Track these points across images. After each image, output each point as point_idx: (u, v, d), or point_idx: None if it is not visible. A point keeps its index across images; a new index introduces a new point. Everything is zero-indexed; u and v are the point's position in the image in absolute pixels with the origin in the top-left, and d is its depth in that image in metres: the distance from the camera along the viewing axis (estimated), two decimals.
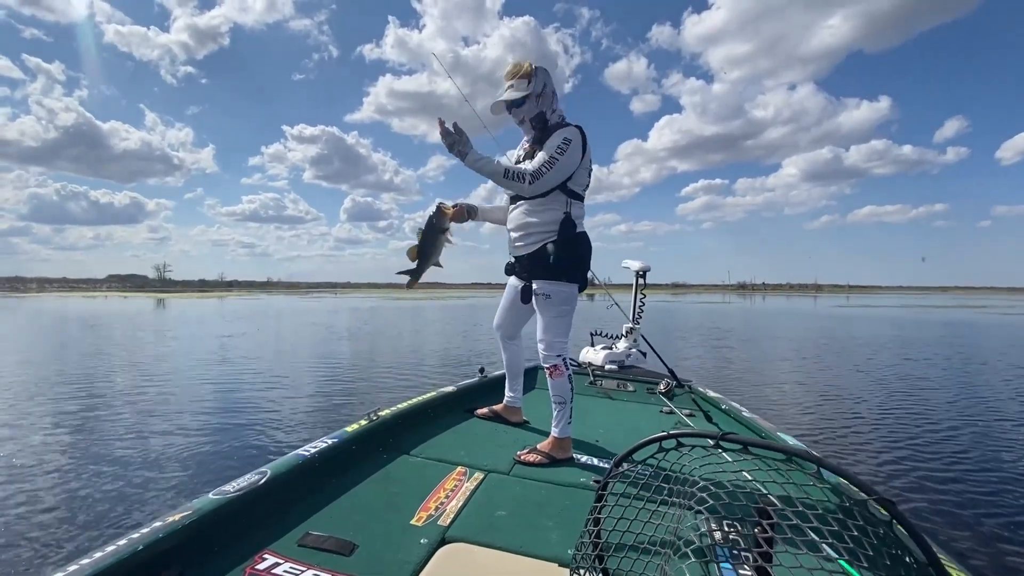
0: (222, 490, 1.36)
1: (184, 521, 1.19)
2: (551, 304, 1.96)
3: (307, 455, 1.65)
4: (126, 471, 3.67)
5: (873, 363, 9.65)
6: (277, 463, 1.56)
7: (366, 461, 1.86)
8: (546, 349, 1.99)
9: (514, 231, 2.03)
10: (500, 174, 1.83)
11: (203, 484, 3.43)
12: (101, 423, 4.98)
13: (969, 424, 5.25)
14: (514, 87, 1.95)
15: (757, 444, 0.80)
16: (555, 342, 1.98)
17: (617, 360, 3.84)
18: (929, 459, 4.15)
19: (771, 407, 5.96)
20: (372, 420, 2.05)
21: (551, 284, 1.95)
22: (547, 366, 1.99)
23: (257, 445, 4.32)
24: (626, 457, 0.95)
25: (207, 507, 1.26)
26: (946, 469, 3.93)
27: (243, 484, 1.40)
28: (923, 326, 20.18)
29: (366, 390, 6.84)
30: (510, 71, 1.98)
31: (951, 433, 4.91)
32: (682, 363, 9.28)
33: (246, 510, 1.35)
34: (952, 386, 7.32)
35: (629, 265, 4.12)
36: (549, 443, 1.98)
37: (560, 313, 1.98)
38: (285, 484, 1.50)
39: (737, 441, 0.81)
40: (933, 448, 4.44)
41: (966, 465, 4.04)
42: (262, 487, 1.42)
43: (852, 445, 4.54)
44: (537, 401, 2.80)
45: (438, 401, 2.53)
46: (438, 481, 1.71)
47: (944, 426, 5.15)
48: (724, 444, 0.82)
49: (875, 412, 5.73)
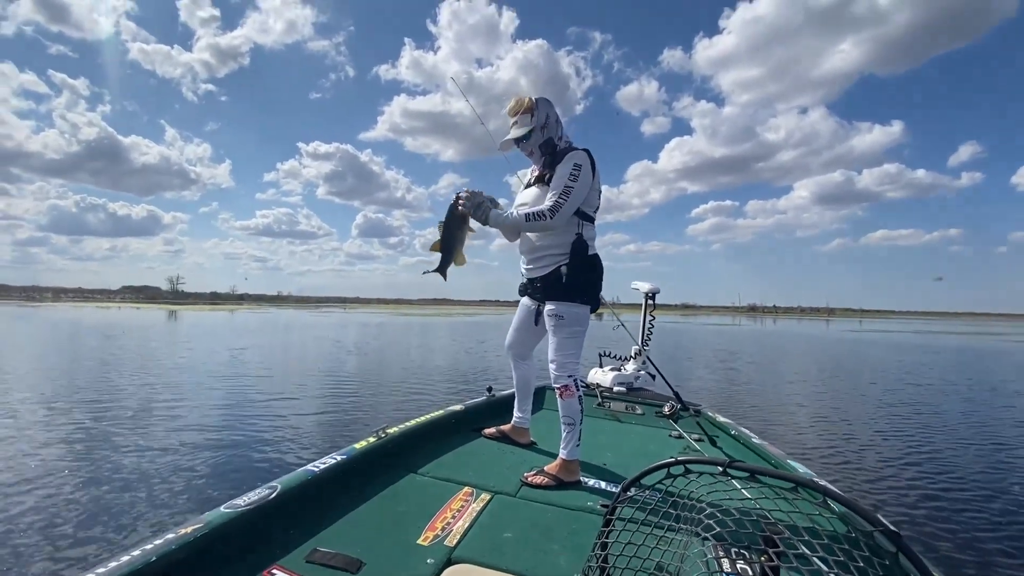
0: (233, 503, 1.37)
1: (196, 533, 1.21)
2: (563, 325, 1.97)
3: (316, 471, 1.67)
4: (139, 481, 3.71)
5: (885, 390, 9.48)
6: (287, 478, 1.58)
7: (374, 478, 1.87)
8: (557, 369, 1.99)
9: (527, 254, 2.06)
10: (522, 221, 1.88)
11: (214, 496, 3.46)
12: (115, 433, 5.02)
13: (978, 455, 5.14)
14: (518, 123, 2.00)
15: (765, 472, 0.81)
16: (566, 363, 1.99)
17: (626, 382, 3.83)
18: (937, 489, 4.07)
19: (782, 433, 5.86)
20: (380, 437, 2.06)
21: (564, 305, 1.96)
22: (558, 386, 1.99)
23: (266, 459, 4.34)
24: (635, 482, 0.96)
25: (218, 520, 1.28)
26: (954, 499, 3.86)
27: (254, 498, 1.42)
28: (938, 353, 19.79)
29: (374, 406, 6.84)
30: (512, 108, 2.04)
31: (960, 463, 4.82)
32: (691, 386, 9.17)
33: (256, 524, 1.36)
34: (963, 416, 7.16)
35: (639, 287, 4.12)
36: (557, 465, 1.97)
37: (572, 334, 1.99)
38: (295, 499, 1.52)
39: (745, 469, 0.82)
40: (942, 478, 4.36)
41: (974, 496, 3.96)
42: (272, 501, 1.43)
43: (861, 473, 4.46)
44: (544, 422, 2.79)
45: (446, 420, 2.54)
46: (445, 501, 1.71)
47: (953, 456, 5.05)
48: (732, 471, 0.82)
49: (885, 440, 5.62)
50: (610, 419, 3.15)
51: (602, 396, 3.55)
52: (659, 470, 0.93)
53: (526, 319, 2.20)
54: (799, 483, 0.79)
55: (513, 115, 2.03)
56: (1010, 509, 3.72)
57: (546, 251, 1.98)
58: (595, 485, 1.96)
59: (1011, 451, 5.29)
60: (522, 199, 2.06)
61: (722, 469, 0.84)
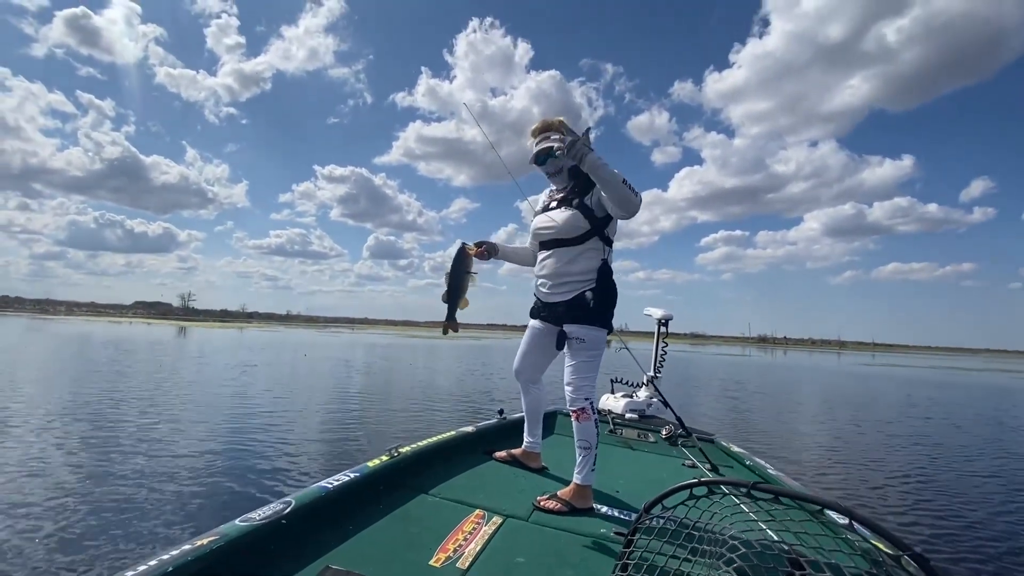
0: (248, 517, 1.37)
1: (212, 546, 1.21)
2: (584, 348, 1.95)
3: (330, 487, 1.66)
4: (151, 495, 3.71)
5: (901, 426, 9.26)
6: (301, 494, 1.58)
7: (386, 498, 1.86)
8: (574, 392, 1.96)
9: (548, 278, 2.01)
10: (620, 179, 1.72)
11: (228, 509, 3.45)
12: (128, 446, 5.03)
13: (999, 486, 5.05)
14: (550, 139, 1.99)
15: (790, 495, 0.80)
16: (583, 385, 1.96)
17: (638, 409, 3.79)
18: (960, 518, 4.04)
19: (796, 465, 5.73)
20: (393, 456, 2.06)
21: (586, 329, 1.94)
22: (574, 409, 1.95)
23: (280, 474, 4.35)
24: (657, 502, 0.95)
25: (233, 533, 1.28)
26: (976, 528, 3.83)
27: (269, 513, 1.41)
28: (954, 389, 19.37)
29: (385, 425, 6.82)
30: (540, 127, 2.02)
31: (980, 494, 4.75)
32: (703, 416, 9.02)
33: (270, 539, 1.36)
34: (984, 451, 6.98)
35: (651, 313, 4.11)
36: (571, 491, 1.94)
37: (591, 357, 1.97)
38: (308, 516, 1.51)
39: (769, 491, 0.81)
40: (963, 508, 4.30)
41: (997, 523, 3.92)
42: (286, 517, 1.43)
43: (877, 502, 4.37)
44: (556, 447, 2.76)
45: (457, 441, 2.53)
46: (457, 523, 1.70)
47: (973, 488, 4.98)
48: (755, 493, 0.82)
49: (904, 474, 5.48)
50: (622, 446, 3.11)
51: (614, 423, 3.51)
52: (682, 491, 0.92)
53: (541, 341, 2.16)
54: (825, 505, 0.79)
55: (540, 134, 2.01)
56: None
57: (573, 276, 1.95)
58: (608, 512, 1.93)
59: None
60: (545, 222, 2.02)
61: (747, 490, 0.83)
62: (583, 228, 1.92)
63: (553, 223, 1.98)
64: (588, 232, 1.92)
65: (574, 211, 1.93)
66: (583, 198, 1.93)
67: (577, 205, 1.93)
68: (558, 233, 1.95)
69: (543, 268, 2.03)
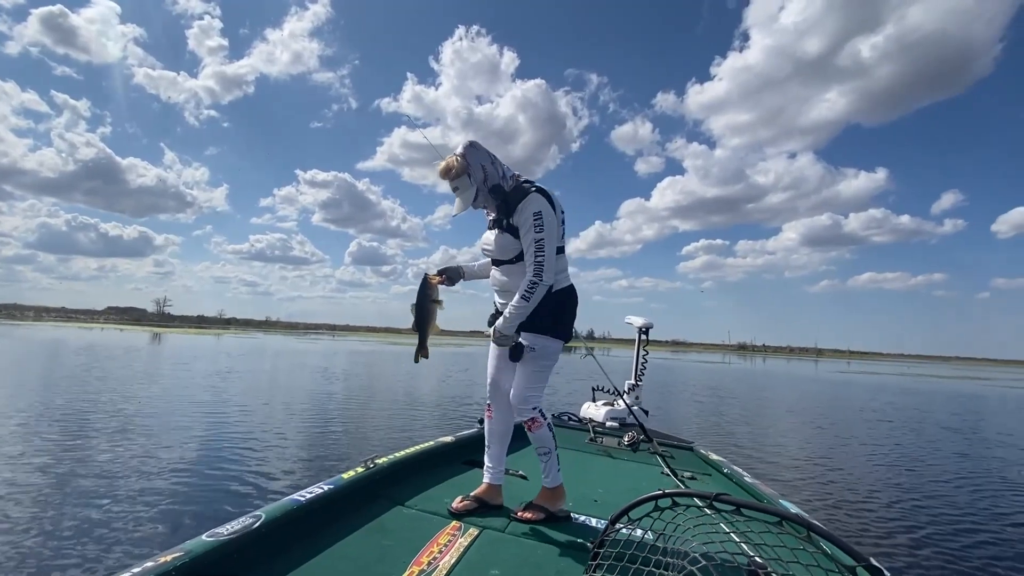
0: (215, 532, 1.35)
1: (176, 562, 1.18)
2: (532, 357, 1.90)
3: (302, 500, 1.64)
4: (115, 508, 3.59)
5: (874, 431, 9.50)
6: (272, 507, 1.55)
7: (360, 510, 1.84)
8: (520, 402, 1.92)
9: (499, 291, 2.01)
10: (525, 305, 1.81)
11: (196, 524, 3.35)
12: (92, 457, 4.87)
13: (962, 494, 5.20)
14: (459, 188, 1.91)
15: (750, 506, 0.82)
16: (530, 395, 1.92)
17: (618, 417, 3.81)
18: (921, 525, 4.14)
19: (774, 471, 5.82)
20: (369, 468, 2.04)
21: (533, 337, 1.90)
22: (525, 420, 1.93)
23: (252, 487, 4.24)
24: (621, 516, 0.97)
25: (199, 550, 1.25)
26: (936, 536, 3.93)
27: (237, 527, 1.39)
28: (926, 396, 19.92)
29: (363, 435, 6.73)
30: (442, 172, 1.93)
31: (943, 502, 4.89)
32: (684, 423, 9.13)
33: (238, 555, 1.33)
34: (948, 457, 7.20)
35: (632, 321, 4.15)
36: (543, 495, 1.94)
37: (539, 367, 1.93)
38: (279, 530, 1.49)
39: (731, 502, 0.83)
40: (925, 515, 4.42)
41: (956, 532, 4.02)
42: (256, 531, 1.40)
43: (850, 509, 4.48)
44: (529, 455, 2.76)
45: (436, 451, 2.51)
46: (432, 535, 1.69)
47: (936, 495, 5.13)
48: (718, 504, 0.84)
49: (874, 479, 5.62)
50: (602, 455, 3.13)
51: (594, 431, 3.53)
52: (647, 503, 0.94)
53: (502, 351, 2.06)
54: (783, 517, 0.81)
55: (446, 179, 1.93)
56: (990, 543, 3.81)
57: (516, 288, 1.88)
58: (585, 521, 1.95)
59: (991, 491, 5.33)
60: (487, 240, 2.01)
61: (709, 502, 0.85)
62: (515, 250, 1.90)
63: (491, 244, 1.97)
64: (520, 253, 1.89)
65: (503, 233, 1.91)
66: (508, 219, 1.90)
67: (506, 227, 1.90)
68: (495, 255, 1.96)
69: (494, 282, 2.03)
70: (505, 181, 1.92)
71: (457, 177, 1.89)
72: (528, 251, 1.83)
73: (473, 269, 2.19)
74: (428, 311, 2.03)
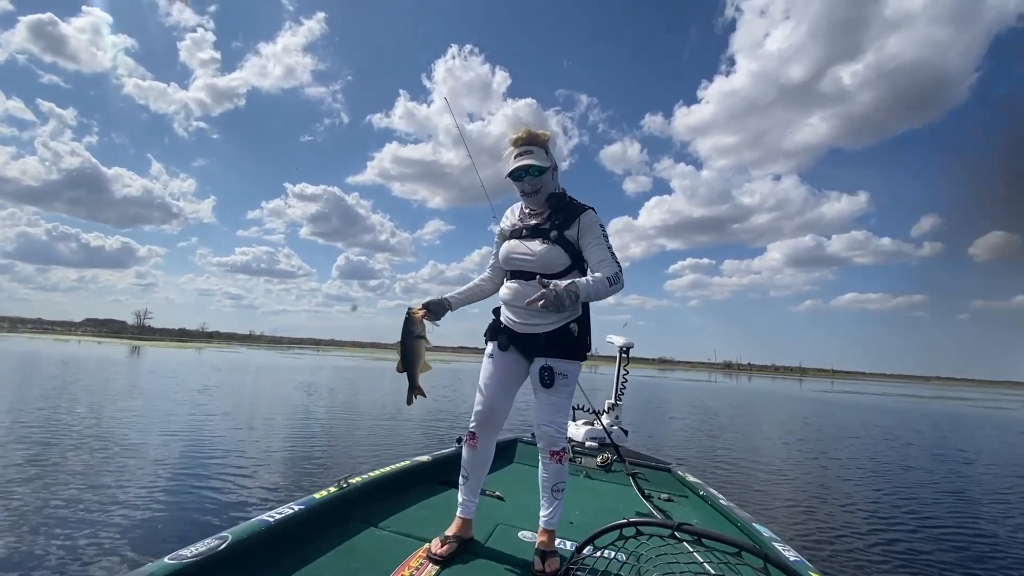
0: (179, 554, 1.31)
1: None
2: (566, 384, 1.78)
3: (271, 521, 1.60)
4: (75, 529, 3.46)
5: (854, 452, 9.59)
6: (239, 528, 1.52)
7: (332, 531, 1.80)
8: (557, 432, 1.77)
9: (522, 308, 1.76)
10: (607, 287, 1.67)
11: (158, 546, 3.24)
12: (53, 475, 4.71)
13: (937, 519, 5.21)
14: (534, 154, 1.77)
15: (711, 536, 0.83)
16: (564, 424, 1.80)
17: (598, 437, 3.79)
18: (897, 554, 4.12)
19: (753, 494, 5.82)
20: (342, 487, 2.00)
21: (569, 364, 1.78)
22: (556, 450, 1.78)
23: (219, 507, 4.10)
24: (588, 543, 0.97)
25: (160, 572, 1.22)
26: (902, 562, 3.93)
27: (201, 549, 1.35)
28: (905, 415, 20.18)
29: (340, 453, 6.60)
30: (523, 137, 1.80)
31: (919, 527, 4.90)
32: (665, 444, 9.12)
33: None
34: (925, 482, 7.26)
35: (613, 340, 4.16)
36: (549, 539, 1.76)
37: (570, 393, 1.83)
38: (246, 552, 1.45)
39: (692, 532, 0.84)
40: (901, 541, 4.42)
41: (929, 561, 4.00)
42: (221, 554, 1.37)
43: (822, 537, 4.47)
44: (516, 476, 2.74)
45: (412, 471, 2.48)
46: (403, 559, 1.66)
47: (913, 520, 5.13)
48: (680, 535, 0.84)
49: (849, 504, 5.64)
50: (581, 476, 3.11)
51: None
52: (612, 531, 0.94)
53: (518, 376, 1.86)
54: (741, 548, 0.81)
55: (521, 145, 1.79)
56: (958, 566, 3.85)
57: None
58: (560, 545, 1.92)
59: (969, 518, 5.36)
60: (521, 250, 1.81)
61: (671, 532, 0.86)
62: (563, 264, 1.76)
63: (531, 255, 1.78)
64: (569, 267, 1.77)
65: (553, 246, 1.76)
66: (562, 231, 1.76)
67: (556, 239, 1.76)
68: (537, 267, 1.76)
69: (515, 295, 1.80)
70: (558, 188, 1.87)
71: (540, 145, 1.80)
72: (605, 254, 1.73)
73: (460, 298, 1.98)
74: (414, 349, 1.81)
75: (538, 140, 1.80)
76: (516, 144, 1.81)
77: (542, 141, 1.80)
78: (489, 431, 1.85)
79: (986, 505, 5.96)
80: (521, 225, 1.87)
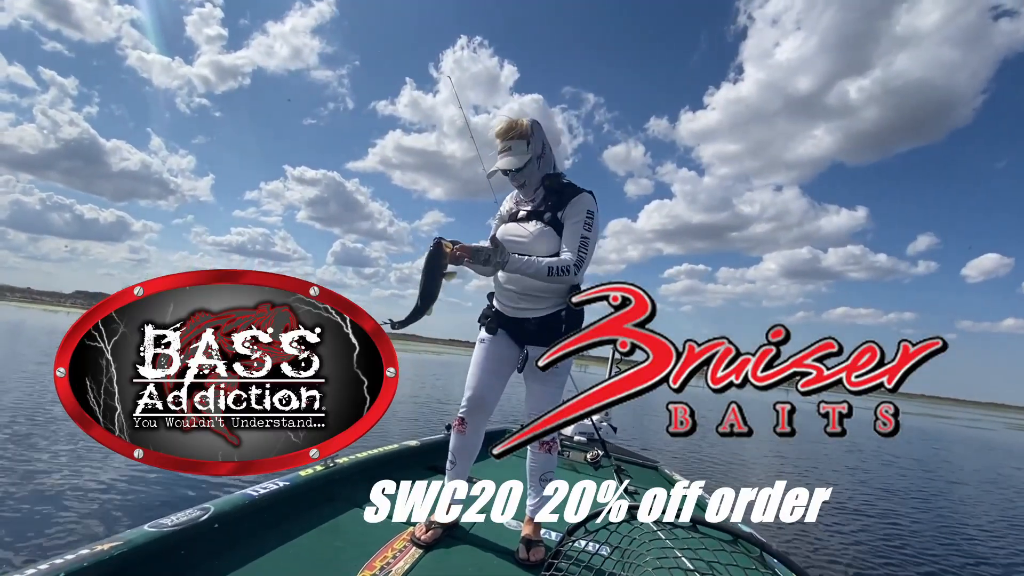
0: (159, 523, 1.29)
1: (113, 551, 1.12)
2: (558, 373, 1.75)
3: (255, 496, 1.59)
4: (53, 496, 3.42)
5: (836, 462, 9.68)
6: (222, 501, 1.50)
7: (316, 510, 1.79)
8: None
9: (522, 292, 1.76)
10: (544, 273, 1.62)
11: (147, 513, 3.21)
12: (36, 443, 4.66)
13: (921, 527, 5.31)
14: (511, 150, 1.75)
15: (705, 523, 0.82)
16: None
17: (587, 432, 3.80)
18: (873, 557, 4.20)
19: None
20: (328, 467, 1.99)
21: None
22: (547, 441, 1.77)
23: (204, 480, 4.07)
24: (576, 529, 0.95)
25: (140, 540, 1.20)
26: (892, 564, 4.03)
27: (182, 519, 1.33)
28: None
29: None
30: (503, 129, 1.77)
31: (901, 534, 4.99)
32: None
33: (182, 548, 1.28)
34: (908, 493, 7.37)
35: None
36: (533, 529, 1.77)
37: (561, 383, 1.81)
38: (227, 525, 1.43)
39: (696, 521, 0.83)
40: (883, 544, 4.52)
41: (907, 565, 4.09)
42: (203, 524, 1.35)
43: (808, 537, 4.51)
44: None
45: (399, 454, 2.47)
46: (387, 540, 1.64)
47: (894, 527, 5.22)
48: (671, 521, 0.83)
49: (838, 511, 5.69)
50: (568, 469, 3.11)
51: (562, 444, 3.51)
52: (602, 516, 0.93)
53: (509, 362, 1.83)
54: (736, 535, 0.81)
55: (503, 138, 1.78)
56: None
57: (549, 291, 1.73)
58: (544, 535, 1.91)
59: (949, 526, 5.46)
60: (516, 231, 1.79)
61: (659, 517, 0.85)
62: (556, 247, 1.73)
63: (525, 235, 1.76)
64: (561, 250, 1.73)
65: (547, 227, 1.73)
66: (556, 213, 1.74)
67: (550, 220, 1.74)
68: (529, 249, 1.72)
69: (516, 282, 1.75)
70: (555, 172, 1.83)
71: (517, 138, 1.75)
72: (572, 243, 1.68)
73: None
74: (435, 282, 1.61)
75: (513, 133, 1.77)
76: (498, 137, 1.81)
77: (522, 132, 1.76)
78: (478, 417, 1.82)
79: (966, 517, 6.04)
80: (517, 208, 1.87)
